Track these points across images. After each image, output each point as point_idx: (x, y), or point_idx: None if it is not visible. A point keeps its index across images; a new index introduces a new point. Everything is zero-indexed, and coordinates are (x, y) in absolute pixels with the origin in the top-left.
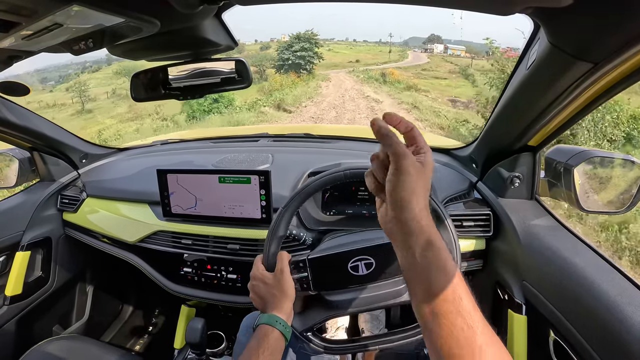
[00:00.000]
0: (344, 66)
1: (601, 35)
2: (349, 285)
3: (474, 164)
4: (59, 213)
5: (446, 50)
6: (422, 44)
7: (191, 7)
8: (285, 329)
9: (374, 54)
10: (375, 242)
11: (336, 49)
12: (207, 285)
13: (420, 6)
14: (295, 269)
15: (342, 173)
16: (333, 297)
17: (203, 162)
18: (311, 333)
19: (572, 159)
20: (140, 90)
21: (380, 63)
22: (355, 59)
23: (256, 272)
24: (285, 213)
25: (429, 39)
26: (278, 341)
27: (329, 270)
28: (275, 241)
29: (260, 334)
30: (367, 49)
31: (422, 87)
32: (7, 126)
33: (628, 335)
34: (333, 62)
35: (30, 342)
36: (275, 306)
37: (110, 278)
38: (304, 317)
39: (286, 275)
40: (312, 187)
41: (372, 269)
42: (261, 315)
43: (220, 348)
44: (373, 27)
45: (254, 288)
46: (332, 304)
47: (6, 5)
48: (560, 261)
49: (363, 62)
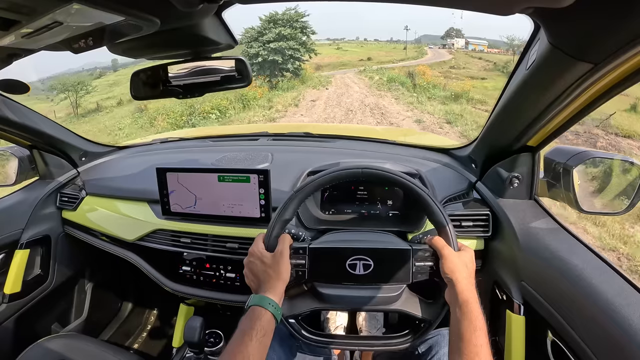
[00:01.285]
0: (353, 65)
1: (601, 36)
2: (344, 282)
3: (473, 164)
4: (58, 211)
5: (467, 45)
6: (440, 39)
7: (191, 5)
8: (276, 310)
9: (387, 51)
10: (378, 245)
11: (345, 47)
12: (206, 283)
13: (422, 6)
14: (294, 255)
15: (360, 170)
16: (325, 290)
17: (202, 160)
18: (295, 320)
19: (571, 159)
20: (140, 89)
21: (398, 60)
22: (366, 57)
23: (255, 250)
24: (296, 198)
25: (447, 33)
26: (270, 323)
27: (327, 263)
28: (280, 223)
29: (253, 315)
30: (378, 46)
31: (472, 93)
32: (7, 124)
33: (625, 336)
34: (341, 61)
35: (29, 340)
36: (269, 287)
37: (109, 276)
38: (292, 304)
39: (285, 258)
40: (327, 178)
41: (369, 271)
42: (253, 297)
43: (218, 347)
44: (383, 26)
45: (249, 264)
46: (323, 296)
47: (6, 3)
48: (559, 262)
49: (376, 60)
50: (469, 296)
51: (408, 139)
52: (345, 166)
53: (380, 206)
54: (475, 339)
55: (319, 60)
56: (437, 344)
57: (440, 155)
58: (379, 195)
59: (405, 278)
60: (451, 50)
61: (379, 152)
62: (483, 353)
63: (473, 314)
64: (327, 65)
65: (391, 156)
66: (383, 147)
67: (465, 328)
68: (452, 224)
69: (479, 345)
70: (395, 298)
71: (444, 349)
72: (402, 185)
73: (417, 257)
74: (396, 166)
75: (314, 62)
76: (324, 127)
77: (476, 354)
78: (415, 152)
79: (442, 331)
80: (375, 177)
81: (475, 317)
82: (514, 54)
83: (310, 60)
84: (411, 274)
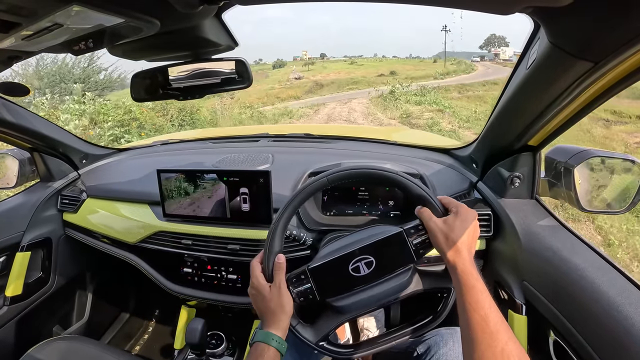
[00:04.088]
0: (369, 82)
1: (601, 35)
2: (354, 288)
3: (474, 163)
4: (59, 213)
5: (515, 55)
6: (478, 49)
7: (191, 7)
8: (280, 345)
9: (414, 64)
10: (372, 239)
11: (360, 62)
12: (207, 285)
13: (422, 6)
14: (297, 282)
15: (325, 179)
16: (341, 303)
17: (203, 162)
18: (326, 342)
19: (572, 158)
20: (140, 91)
21: (441, 75)
22: (388, 71)
23: (255, 282)
24: (278, 227)
25: (489, 41)
26: (274, 359)
27: (331, 276)
28: (272, 255)
29: (257, 352)
30: (401, 61)
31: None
32: (8, 127)
33: (628, 335)
34: (351, 77)
35: (30, 342)
36: (272, 322)
37: (111, 279)
38: (316, 328)
39: (283, 289)
40: (301, 197)
41: (373, 267)
42: (257, 332)
43: (220, 349)
44: (403, 42)
45: (253, 297)
46: (341, 309)
47: (6, 5)
48: (560, 261)
49: (403, 75)
50: (462, 269)
51: (409, 140)
52: (310, 180)
53: (381, 207)
54: (480, 307)
55: (321, 77)
56: (435, 344)
57: (441, 156)
58: (380, 195)
59: (409, 259)
60: (498, 61)
61: (380, 153)
62: (492, 317)
63: (469, 283)
64: (329, 84)
65: (392, 157)
66: (384, 148)
67: (466, 299)
68: (432, 192)
69: (486, 309)
70: (408, 282)
71: (442, 349)
72: (368, 177)
73: (411, 234)
74: (397, 166)
75: (312, 79)
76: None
77: (484, 318)
78: (416, 152)
79: (440, 331)
80: (340, 179)
81: (469, 284)
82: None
83: (310, 78)
84: (412, 252)
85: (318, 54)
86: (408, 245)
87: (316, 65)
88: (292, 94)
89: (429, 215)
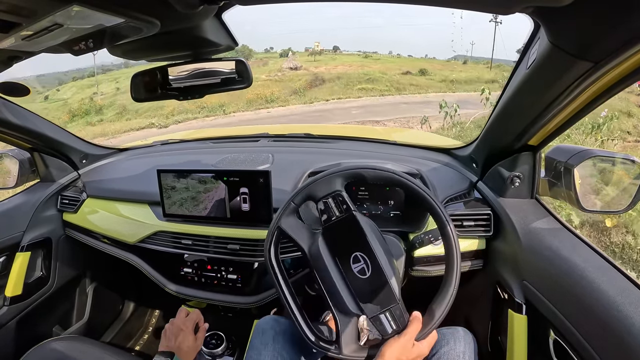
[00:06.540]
0: (391, 82)
1: (601, 35)
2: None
3: (474, 163)
4: (59, 213)
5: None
6: (515, 52)
7: (191, 7)
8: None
9: (442, 63)
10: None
11: (376, 57)
12: (208, 285)
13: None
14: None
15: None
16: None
17: (203, 162)
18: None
19: (572, 158)
20: (140, 91)
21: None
22: (416, 69)
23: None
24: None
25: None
26: None
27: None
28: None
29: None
30: (423, 60)
31: None
32: (7, 126)
33: (628, 335)
34: (365, 71)
35: (31, 342)
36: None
37: (111, 279)
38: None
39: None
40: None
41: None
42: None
43: (220, 349)
44: (416, 41)
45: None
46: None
47: (6, 5)
48: (560, 261)
49: (438, 76)
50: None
51: (408, 139)
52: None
53: (381, 206)
54: None
55: (325, 69)
56: (436, 343)
57: (441, 155)
58: (380, 195)
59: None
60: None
61: (380, 153)
62: None
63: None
64: (334, 79)
65: (392, 156)
66: (384, 148)
67: None
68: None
69: None
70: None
71: (443, 348)
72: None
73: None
74: (397, 166)
75: (312, 71)
76: (324, 128)
77: None
78: (415, 152)
79: (441, 330)
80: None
81: None
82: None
83: (311, 70)
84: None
85: (331, 47)
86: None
87: (324, 56)
88: (266, 93)
89: (411, 330)
